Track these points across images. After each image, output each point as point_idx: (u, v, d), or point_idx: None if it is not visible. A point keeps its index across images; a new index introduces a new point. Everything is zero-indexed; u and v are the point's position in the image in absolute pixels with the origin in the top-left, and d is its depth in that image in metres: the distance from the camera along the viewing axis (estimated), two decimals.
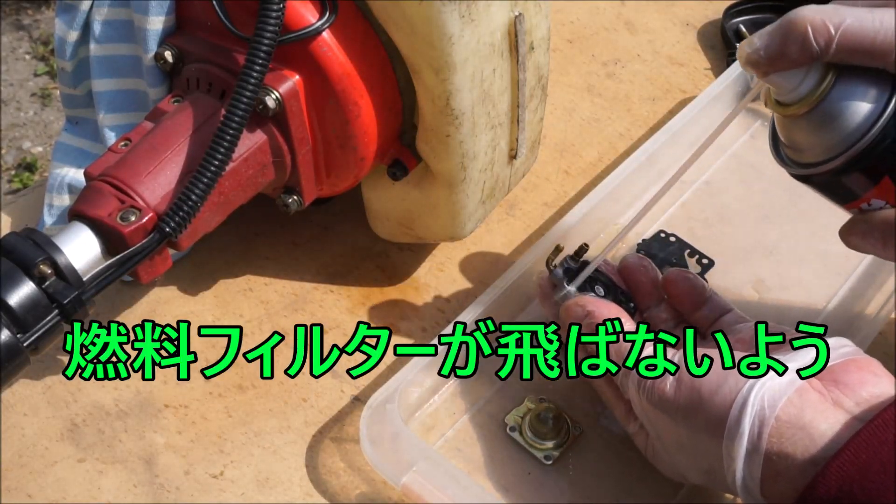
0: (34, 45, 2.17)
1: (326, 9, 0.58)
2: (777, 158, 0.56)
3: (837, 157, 0.51)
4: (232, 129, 0.55)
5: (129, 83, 0.66)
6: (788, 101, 0.52)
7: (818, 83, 0.51)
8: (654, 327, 0.63)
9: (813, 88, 0.51)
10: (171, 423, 0.63)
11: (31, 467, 0.61)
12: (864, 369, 0.52)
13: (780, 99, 0.53)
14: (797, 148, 0.54)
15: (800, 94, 0.51)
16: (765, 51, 0.51)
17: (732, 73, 0.82)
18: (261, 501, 0.60)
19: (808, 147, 0.53)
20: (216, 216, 0.60)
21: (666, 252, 0.73)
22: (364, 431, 0.59)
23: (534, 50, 0.63)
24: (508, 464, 0.62)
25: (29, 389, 0.64)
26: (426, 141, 0.62)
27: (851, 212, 0.55)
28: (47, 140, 1.99)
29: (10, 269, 0.51)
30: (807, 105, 0.51)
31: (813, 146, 0.53)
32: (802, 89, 0.51)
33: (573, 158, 0.81)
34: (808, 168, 0.53)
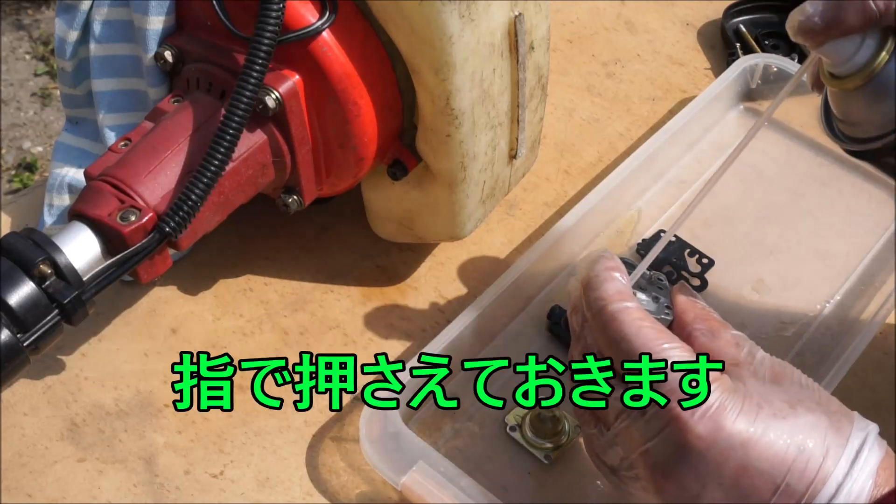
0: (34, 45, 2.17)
1: (326, 9, 0.58)
2: (830, 134, 0.53)
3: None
4: (232, 129, 0.55)
5: (129, 83, 0.66)
6: (844, 72, 0.49)
7: (877, 51, 0.48)
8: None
9: (872, 57, 0.48)
10: (171, 423, 0.63)
11: (31, 467, 0.61)
12: None
13: (835, 71, 0.50)
14: (854, 122, 0.51)
15: (857, 64, 0.48)
16: (820, 17, 0.47)
17: (732, 72, 0.82)
18: (261, 501, 0.60)
19: (866, 120, 0.50)
20: (216, 216, 0.60)
21: (666, 252, 0.73)
22: (364, 431, 0.59)
23: (534, 50, 0.63)
24: (508, 464, 0.62)
25: (29, 389, 0.64)
26: (426, 141, 0.62)
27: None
28: (47, 140, 1.99)
29: (10, 269, 0.51)
30: (865, 75, 0.48)
31: (872, 119, 0.49)
32: (860, 58, 0.48)
33: (573, 158, 0.81)
34: (867, 143, 0.50)
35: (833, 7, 0.47)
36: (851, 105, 0.51)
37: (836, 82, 0.50)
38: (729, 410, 0.47)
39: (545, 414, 0.62)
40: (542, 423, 0.62)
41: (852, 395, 0.66)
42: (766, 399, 0.48)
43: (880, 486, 0.46)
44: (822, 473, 0.46)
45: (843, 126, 0.52)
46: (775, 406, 0.48)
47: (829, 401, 0.49)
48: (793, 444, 0.46)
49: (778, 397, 0.48)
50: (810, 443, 0.46)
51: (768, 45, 0.88)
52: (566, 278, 0.72)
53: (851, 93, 0.50)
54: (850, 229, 0.76)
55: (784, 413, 0.47)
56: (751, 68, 0.82)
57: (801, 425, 0.47)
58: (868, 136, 0.50)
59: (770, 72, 0.82)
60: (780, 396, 0.48)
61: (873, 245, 0.75)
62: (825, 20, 0.47)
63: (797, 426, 0.47)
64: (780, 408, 0.47)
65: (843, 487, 0.45)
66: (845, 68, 0.49)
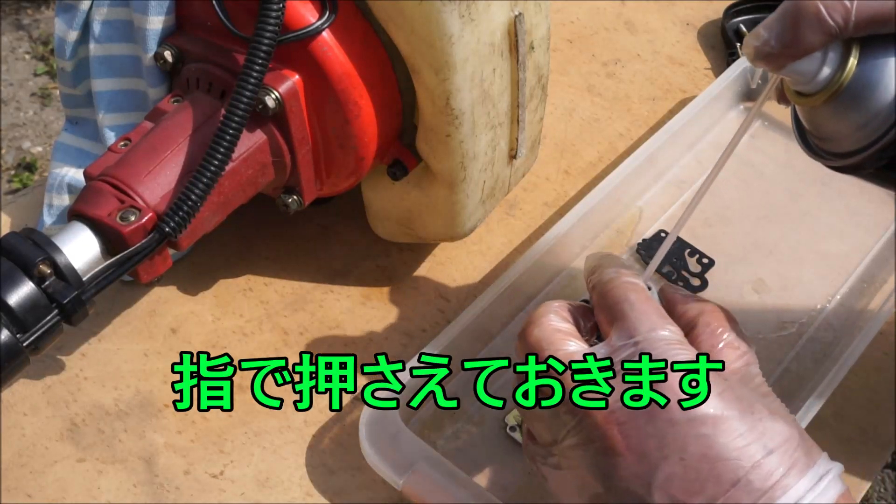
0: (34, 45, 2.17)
1: (326, 8, 0.58)
2: (809, 153, 0.51)
3: (885, 135, 0.46)
4: (232, 129, 0.55)
5: (129, 83, 0.66)
6: (811, 90, 0.48)
7: (841, 63, 0.46)
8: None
9: (836, 70, 0.46)
10: (171, 423, 0.63)
11: (31, 467, 0.61)
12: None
13: (801, 89, 0.48)
14: (830, 138, 0.49)
15: (823, 80, 0.47)
16: (776, 40, 0.46)
17: (732, 72, 0.82)
18: (261, 501, 0.60)
19: (840, 135, 0.48)
20: (216, 216, 0.60)
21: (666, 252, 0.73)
22: (364, 431, 0.59)
23: (534, 50, 0.63)
24: (508, 464, 0.62)
25: (29, 389, 0.64)
26: (426, 141, 0.62)
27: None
28: (47, 140, 1.99)
29: (10, 269, 0.51)
30: (833, 90, 0.47)
31: (846, 133, 0.48)
32: (825, 74, 0.46)
33: (573, 158, 0.81)
34: (846, 158, 0.48)
35: (789, 28, 0.45)
36: (822, 121, 0.49)
37: (803, 100, 0.48)
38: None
39: None
40: None
41: (852, 395, 0.66)
42: (747, 399, 0.48)
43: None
44: (784, 482, 0.45)
45: (819, 141, 0.51)
46: (755, 407, 0.47)
47: (803, 434, 0.48)
48: (762, 444, 0.46)
49: (760, 402, 0.48)
50: (779, 451, 0.46)
51: None
52: (566, 278, 0.72)
53: (820, 109, 0.48)
54: (850, 229, 0.76)
55: (761, 416, 0.47)
56: (751, 68, 0.82)
57: (776, 431, 0.47)
58: (845, 150, 0.49)
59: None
60: (762, 402, 0.48)
61: (873, 245, 0.75)
62: (782, 43, 0.46)
63: (771, 430, 0.46)
64: (759, 409, 0.47)
65: (804, 501, 0.45)
66: (810, 87, 0.47)
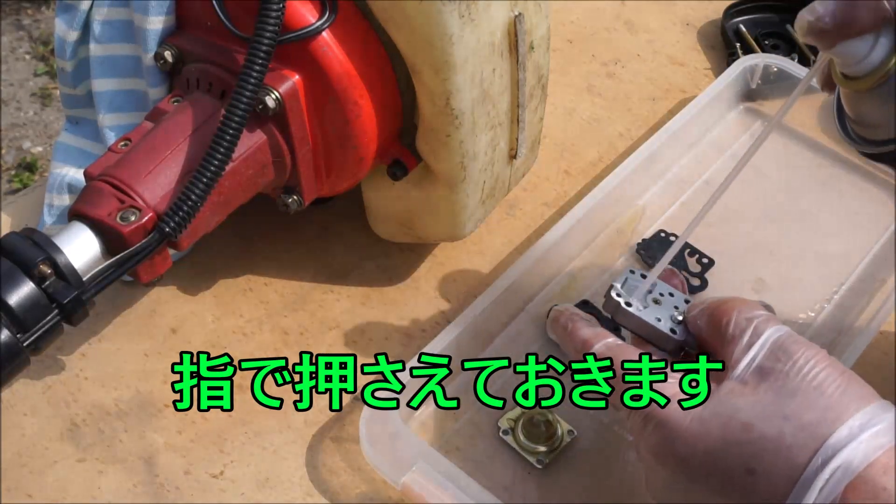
0: (34, 45, 2.17)
1: (326, 8, 0.58)
2: (845, 137, 0.51)
3: None
4: (232, 129, 0.55)
5: (129, 83, 0.66)
6: (857, 72, 0.47)
7: (892, 50, 0.46)
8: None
9: (886, 57, 0.46)
10: (171, 423, 0.63)
11: (31, 467, 0.61)
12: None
13: (848, 72, 0.48)
14: (868, 124, 0.49)
15: (871, 64, 0.47)
16: (831, 17, 0.45)
17: (732, 72, 0.82)
18: (261, 501, 0.60)
19: (881, 122, 0.48)
20: (216, 216, 0.60)
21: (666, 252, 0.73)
22: (364, 431, 0.59)
23: (534, 50, 0.63)
24: (509, 463, 0.62)
25: (29, 389, 0.64)
26: (426, 141, 0.62)
27: None
28: (47, 140, 1.99)
29: (10, 269, 0.51)
30: (880, 76, 0.47)
31: (887, 121, 0.48)
32: (874, 59, 0.46)
33: (573, 158, 0.81)
34: (883, 146, 0.49)
35: (845, 7, 0.45)
36: (865, 106, 0.49)
37: (850, 83, 0.49)
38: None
39: (538, 418, 0.62)
40: (536, 427, 0.62)
41: None
42: (730, 415, 0.48)
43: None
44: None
45: (858, 128, 0.51)
46: (728, 428, 0.48)
47: (812, 401, 0.47)
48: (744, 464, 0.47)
49: (742, 414, 0.48)
50: (758, 467, 0.47)
51: (768, 45, 0.88)
52: (566, 278, 0.72)
53: (865, 94, 0.48)
54: (850, 229, 0.76)
55: (737, 436, 0.47)
56: (751, 68, 0.82)
57: (755, 442, 0.47)
58: (884, 138, 0.49)
59: (770, 72, 0.82)
60: (742, 414, 0.48)
61: (873, 245, 0.75)
62: (836, 20, 0.46)
63: (749, 446, 0.47)
64: (734, 429, 0.48)
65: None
66: (858, 69, 0.47)
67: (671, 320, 0.56)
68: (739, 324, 0.51)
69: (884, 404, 0.47)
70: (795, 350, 0.49)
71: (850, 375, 0.48)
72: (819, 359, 0.48)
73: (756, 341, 0.50)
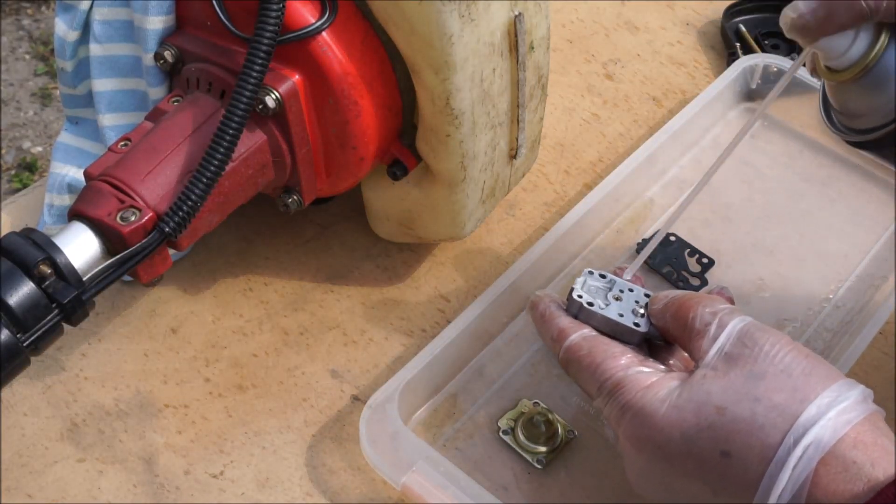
0: (34, 45, 2.17)
1: (326, 8, 0.58)
2: (830, 127, 0.54)
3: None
4: (232, 128, 0.55)
5: (129, 83, 0.66)
6: (840, 65, 0.50)
7: (871, 43, 0.49)
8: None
9: (866, 50, 0.49)
10: (171, 423, 0.63)
11: (31, 467, 0.61)
12: None
13: (831, 65, 0.51)
14: (852, 114, 0.52)
15: (852, 58, 0.49)
16: (811, 14, 0.49)
17: (732, 73, 0.82)
18: (261, 501, 0.60)
19: (865, 112, 0.51)
20: (216, 216, 0.60)
21: (666, 252, 0.73)
22: (364, 431, 0.59)
23: (534, 50, 0.63)
24: (508, 463, 0.62)
25: (29, 389, 0.64)
26: (426, 141, 0.62)
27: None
28: (47, 140, 1.99)
29: (10, 269, 0.51)
30: (860, 68, 0.49)
31: (870, 110, 0.51)
32: (854, 52, 0.49)
33: (573, 158, 0.81)
34: (867, 134, 0.51)
35: (824, 5, 0.48)
36: (848, 97, 0.51)
37: (832, 75, 0.51)
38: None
39: (538, 418, 0.62)
40: (535, 427, 0.62)
41: None
42: (701, 402, 0.49)
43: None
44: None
45: (843, 118, 0.53)
46: (701, 412, 0.49)
47: (781, 383, 0.49)
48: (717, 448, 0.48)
49: (714, 398, 0.49)
50: (732, 449, 0.48)
51: (768, 45, 0.88)
52: (566, 278, 0.72)
53: (848, 85, 0.51)
54: (850, 229, 0.76)
55: (710, 419, 0.48)
56: (751, 68, 0.82)
57: (728, 424, 0.48)
58: (867, 126, 0.51)
59: (770, 72, 0.82)
60: (715, 398, 0.49)
61: (873, 245, 0.75)
62: (817, 18, 0.49)
63: (723, 429, 0.48)
64: (707, 413, 0.49)
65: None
66: (841, 62, 0.50)
67: (633, 314, 0.56)
68: (704, 318, 0.52)
69: (849, 382, 0.49)
70: (760, 336, 0.50)
71: (815, 358, 0.50)
72: (784, 343, 0.50)
73: (722, 332, 0.51)
